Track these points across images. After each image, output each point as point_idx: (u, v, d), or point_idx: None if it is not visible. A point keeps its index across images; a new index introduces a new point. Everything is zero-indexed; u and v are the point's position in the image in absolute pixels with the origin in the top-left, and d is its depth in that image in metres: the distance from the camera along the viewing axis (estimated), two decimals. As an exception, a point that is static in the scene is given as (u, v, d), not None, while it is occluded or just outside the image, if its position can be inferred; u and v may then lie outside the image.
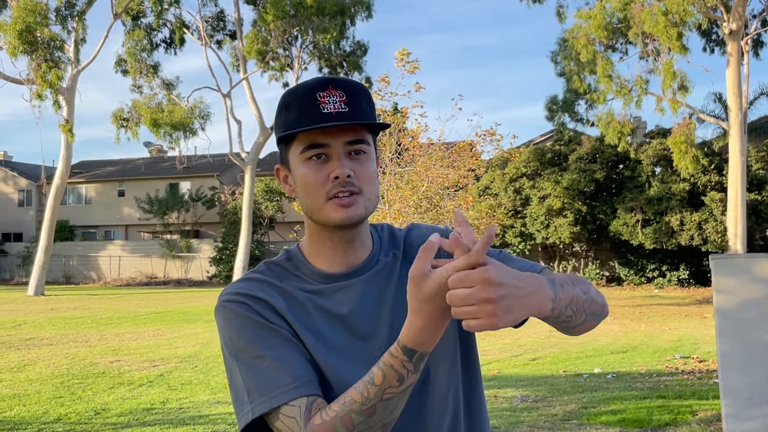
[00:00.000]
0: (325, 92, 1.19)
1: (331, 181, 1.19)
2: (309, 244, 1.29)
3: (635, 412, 6.27)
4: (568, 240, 27.49)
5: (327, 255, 1.26)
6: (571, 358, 9.88)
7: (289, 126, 1.20)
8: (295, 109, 1.20)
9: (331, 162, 1.19)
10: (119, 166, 46.93)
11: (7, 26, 25.76)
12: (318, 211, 1.21)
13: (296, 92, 1.22)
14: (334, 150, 1.19)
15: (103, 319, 16.75)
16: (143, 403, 7.19)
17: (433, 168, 16.60)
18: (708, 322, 14.67)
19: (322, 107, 1.18)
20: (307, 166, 1.20)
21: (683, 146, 22.22)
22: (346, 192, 1.19)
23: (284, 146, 1.25)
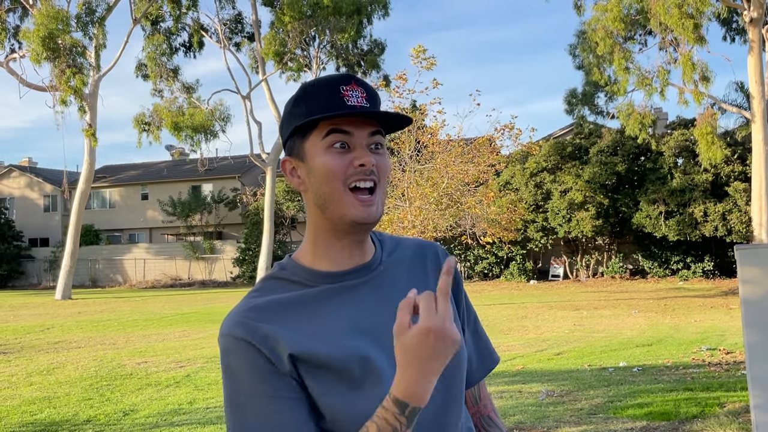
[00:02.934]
0: (348, 86, 1.19)
1: (354, 168, 1.18)
2: (312, 246, 1.25)
3: (662, 405, 6.22)
4: (591, 233, 27.30)
5: (333, 255, 1.24)
6: (596, 352, 9.82)
7: (312, 114, 1.19)
8: (318, 99, 1.19)
9: (355, 151, 1.19)
10: (142, 169, 47.33)
11: (30, 33, 26.06)
12: (336, 202, 1.19)
13: (318, 84, 1.21)
14: (357, 140, 1.19)
15: (129, 322, 16.91)
16: (171, 403, 7.25)
17: (453, 164, 16.59)
18: (734, 314, 14.51)
19: (346, 99, 1.18)
20: (329, 153, 1.19)
21: (709, 137, 21.94)
22: (368, 181, 1.18)
23: (300, 137, 1.22)
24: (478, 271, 30.85)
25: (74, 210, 28.87)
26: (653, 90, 22.52)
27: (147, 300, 26.04)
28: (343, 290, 1.23)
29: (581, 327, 13.14)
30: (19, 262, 40.86)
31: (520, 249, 29.36)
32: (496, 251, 29.16)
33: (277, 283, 1.24)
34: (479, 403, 1.40)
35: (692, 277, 26.88)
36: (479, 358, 1.38)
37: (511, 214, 19.78)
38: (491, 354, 1.41)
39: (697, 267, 27.03)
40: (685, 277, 26.87)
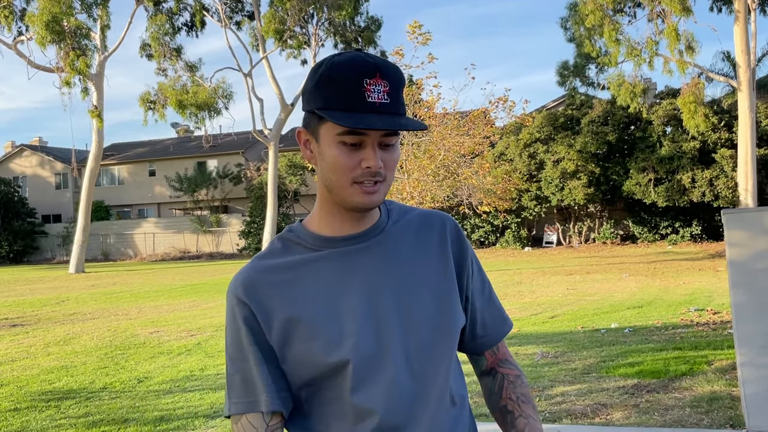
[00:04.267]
0: (373, 80, 1.15)
1: (362, 169, 1.17)
2: (318, 212, 1.27)
3: (652, 364, 6.26)
4: (583, 201, 27.31)
5: (335, 224, 1.26)
6: (588, 315, 9.87)
7: (330, 104, 1.16)
8: (338, 89, 1.15)
9: (365, 150, 1.17)
10: (149, 147, 47.21)
11: (34, 17, 25.80)
12: (340, 190, 1.20)
13: (342, 71, 1.16)
14: (369, 140, 1.17)
15: (141, 293, 16.99)
16: (183, 370, 7.31)
17: (449, 137, 16.53)
18: (721, 276, 14.57)
19: (367, 95, 1.14)
20: (339, 148, 1.17)
21: (692, 106, 21.87)
22: (372, 181, 1.18)
23: (317, 118, 1.20)
24: (475, 240, 30.90)
25: (84, 187, 28.84)
26: (642, 61, 22.37)
27: (157, 272, 26.12)
28: (344, 254, 1.25)
29: (574, 291, 13.19)
30: (33, 238, 40.95)
31: (515, 217, 29.38)
32: (491, 220, 29.19)
33: (284, 244, 1.28)
34: (497, 354, 1.41)
35: (680, 241, 26.94)
36: (493, 324, 1.39)
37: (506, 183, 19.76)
38: (505, 320, 1.41)
39: (685, 231, 27.08)
40: (674, 242, 26.93)
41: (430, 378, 1.23)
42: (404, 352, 1.22)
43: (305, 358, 1.19)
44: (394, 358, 1.21)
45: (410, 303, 1.24)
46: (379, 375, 1.20)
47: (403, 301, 1.24)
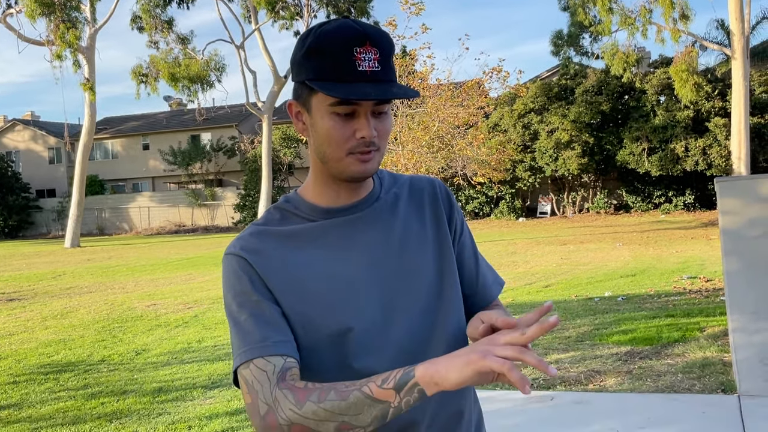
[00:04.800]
0: (362, 48, 1.12)
1: (356, 139, 1.15)
2: (313, 183, 1.26)
3: (645, 331, 6.32)
4: (577, 171, 27.32)
5: (330, 194, 1.25)
6: (582, 284, 9.93)
7: (321, 75, 1.13)
8: (328, 59, 1.12)
9: (358, 120, 1.15)
10: (142, 120, 46.88)
11: (24, -10, 25.47)
12: (335, 162, 1.19)
13: (331, 40, 1.13)
14: (362, 109, 1.15)
15: (137, 267, 17.00)
16: (180, 342, 7.35)
17: (443, 108, 16.46)
18: (713, 244, 14.64)
19: (357, 64, 1.11)
20: (332, 119, 1.15)
21: (684, 74, 21.81)
22: (368, 152, 1.17)
23: (307, 89, 1.18)
24: (470, 211, 30.94)
25: (78, 161, 28.69)
26: (635, 29, 22.24)
27: (153, 246, 26.12)
28: (340, 224, 1.24)
29: (568, 261, 13.25)
30: (28, 213, 40.83)
31: (509, 188, 29.40)
32: (486, 191, 29.21)
33: (281, 213, 1.27)
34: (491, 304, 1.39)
35: (674, 210, 27.02)
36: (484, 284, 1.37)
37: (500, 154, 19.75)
38: (495, 279, 1.39)
39: (678, 200, 27.15)
40: (667, 211, 27.01)
41: (434, 342, 1.24)
42: (408, 317, 1.22)
43: (307, 323, 1.18)
44: (398, 324, 1.21)
45: (411, 268, 1.24)
46: (383, 341, 1.20)
47: (404, 266, 1.24)
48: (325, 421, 1.05)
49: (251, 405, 1.10)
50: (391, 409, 1.03)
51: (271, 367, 1.11)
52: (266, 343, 1.13)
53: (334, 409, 1.04)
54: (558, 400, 4.30)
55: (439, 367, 1.01)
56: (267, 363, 1.11)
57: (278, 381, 1.09)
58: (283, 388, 1.08)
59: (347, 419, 1.04)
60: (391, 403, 1.03)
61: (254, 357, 1.12)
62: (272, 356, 1.12)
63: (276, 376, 1.10)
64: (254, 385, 1.10)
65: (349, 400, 1.04)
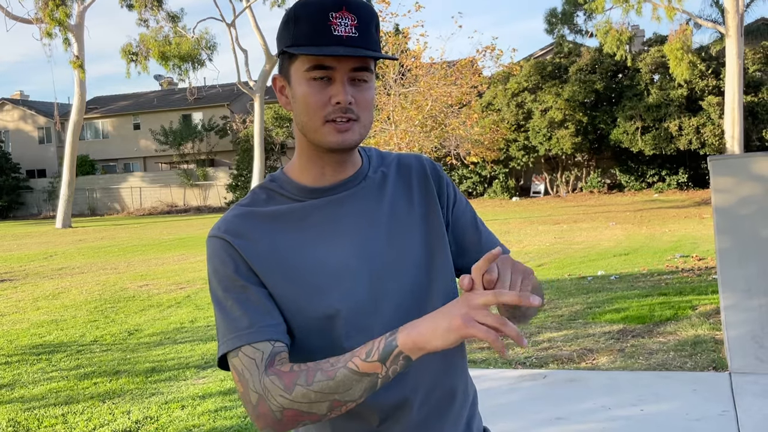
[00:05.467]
0: (338, 13, 1.12)
1: (332, 105, 1.14)
2: (298, 161, 1.25)
3: (638, 310, 6.36)
4: (570, 151, 27.32)
5: (316, 172, 1.23)
6: (575, 263, 9.97)
7: (298, 41, 1.14)
8: (304, 25, 1.13)
9: (334, 86, 1.14)
10: (132, 99, 46.57)
11: (11, -34, 25.15)
12: (314, 132, 1.17)
13: (307, 7, 1.14)
14: (338, 74, 1.14)
15: (129, 247, 16.97)
16: (173, 322, 7.35)
17: (437, 87, 16.39)
18: (706, 222, 14.70)
19: (333, 28, 1.11)
20: (309, 85, 1.15)
21: (679, 53, 21.77)
22: (344, 118, 1.15)
23: (287, 59, 1.19)
24: (463, 191, 30.93)
25: (68, 141, 28.51)
26: (629, 7, 22.15)
27: (145, 226, 26.06)
28: (326, 204, 1.23)
29: (561, 240, 13.29)
30: (18, 194, 40.64)
31: (503, 168, 29.40)
32: (479, 170, 29.20)
33: (266, 193, 1.25)
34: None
35: (667, 189, 27.10)
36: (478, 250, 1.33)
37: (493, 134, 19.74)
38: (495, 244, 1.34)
39: (671, 180, 27.22)
40: (660, 190, 27.09)
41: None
42: (398, 296, 1.21)
43: (293, 307, 1.17)
44: (389, 303, 1.20)
45: (400, 247, 1.23)
46: (374, 321, 1.19)
47: (393, 246, 1.22)
48: (317, 402, 1.06)
49: (243, 394, 1.11)
50: (379, 380, 1.04)
51: (259, 354, 1.10)
52: (252, 329, 1.12)
53: (324, 389, 1.05)
54: (551, 378, 4.33)
55: (421, 331, 1.01)
56: (255, 350, 1.11)
57: (266, 368, 1.09)
58: (271, 374, 1.08)
59: (338, 397, 1.05)
60: (378, 375, 1.04)
61: (242, 344, 1.11)
62: (259, 342, 1.11)
63: (264, 363, 1.10)
64: (244, 374, 1.10)
65: (336, 378, 1.04)
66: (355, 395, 1.05)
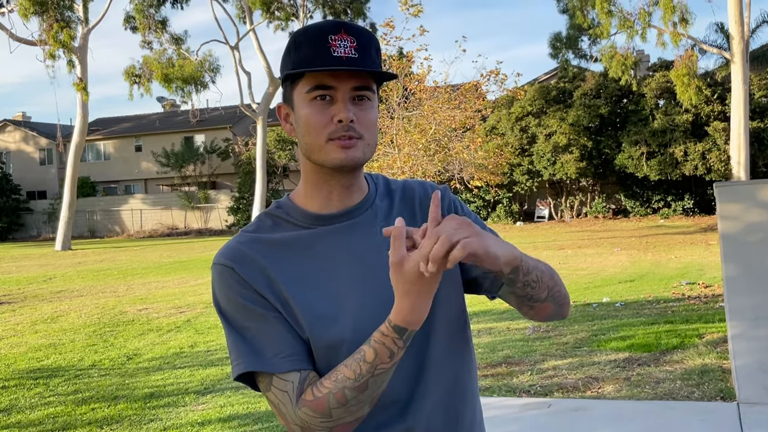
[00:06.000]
0: (337, 36, 1.16)
1: (335, 124, 1.17)
2: (304, 188, 1.27)
3: (644, 338, 6.33)
4: (575, 175, 27.36)
5: (322, 198, 1.25)
6: (580, 289, 9.94)
7: (298, 64, 1.18)
8: (305, 49, 1.17)
9: (336, 105, 1.17)
10: (135, 121, 46.85)
11: (17, -12, 25.43)
12: (318, 151, 1.20)
13: (307, 32, 1.19)
14: (339, 93, 1.17)
15: (129, 270, 16.96)
16: (173, 347, 7.33)
17: (440, 111, 16.46)
18: (713, 249, 14.67)
19: (332, 50, 1.15)
20: (311, 106, 1.18)
21: (685, 78, 21.87)
22: (347, 135, 1.18)
23: (290, 84, 1.22)
24: (466, 214, 30.90)
25: (70, 163, 28.62)
26: (634, 32, 22.32)
27: (145, 249, 26.07)
28: (332, 232, 1.24)
29: (566, 266, 13.26)
30: (19, 215, 40.73)
31: (507, 192, 29.42)
32: (483, 195, 29.21)
33: (272, 220, 1.27)
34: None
35: (673, 215, 27.08)
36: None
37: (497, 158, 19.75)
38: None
39: (677, 205, 27.22)
40: (666, 216, 27.07)
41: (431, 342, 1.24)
42: None
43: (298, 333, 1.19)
44: None
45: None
46: None
47: None
48: (358, 411, 1.12)
49: (287, 426, 1.17)
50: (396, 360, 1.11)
51: (290, 385, 1.15)
52: (276, 358, 1.16)
53: (360, 399, 1.11)
54: (555, 407, 4.30)
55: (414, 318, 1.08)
56: (285, 382, 1.15)
57: (297, 400, 1.14)
58: (302, 406, 1.13)
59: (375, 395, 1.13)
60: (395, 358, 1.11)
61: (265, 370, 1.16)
62: (287, 373, 1.15)
63: (296, 394, 1.14)
64: (281, 408, 1.16)
65: (369, 386, 1.11)
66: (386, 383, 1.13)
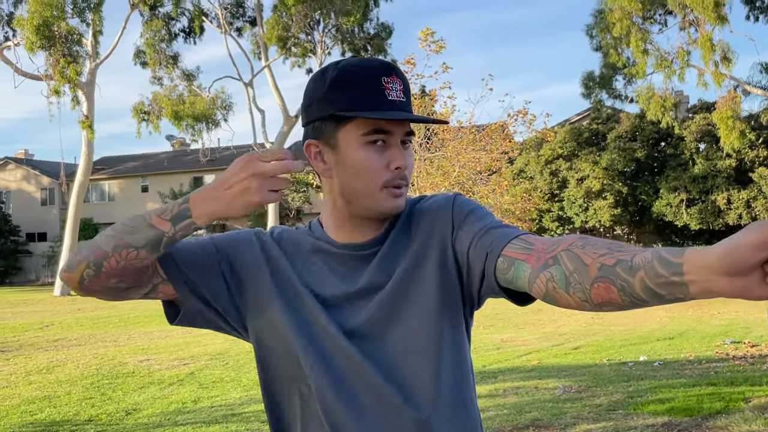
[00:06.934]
0: (390, 78, 1.21)
1: (392, 171, 1.21)
2: (332, 220, 1.31)
3: (684, 401, 6.21)
4: (609, 223, 27.23)
5: (350, 233, 1.29)
6: (615, 346, 9.81)
7: (351, 105, 1.20)
8: (359, 89, 1.20)
9: (391, 150, 1.22)
10: (142, 160, 47.45)
11: (24, 21, 26.10)
12: (368, 197, 1.23)
13: (359, 71, 1.21)
14: (395, 139, 1.22)
15: (130, 318, 17.00)
16: (174, 402, 7.29)
17: (465, 152, 16.55)
18: (760, 305, 14.46)
19: (387, 93, 1.20)
20: (367, 150, 1.21)
21: (729, 121, 21.84)
22: (402, 183, 1.23)
23: (333, 123, 1.22)
24: (492, 263, 30.81)
25: (72, 203, 28.97)
26: (672, 72, 22.44)
27: (149, 296, 26.12)
28: (356, 258, 1.29)
29: (599, 320, 13.12)
30: (17, 258, 41.11)
31: (535, 240, 29.28)
32: (510, 242, 29.12)
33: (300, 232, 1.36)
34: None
35: (715, 267, 26.76)
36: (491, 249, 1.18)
37: (525, 203, 19.76)
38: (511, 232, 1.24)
39: (720, 257, 26.91)
40: (708, 268, 26.75)
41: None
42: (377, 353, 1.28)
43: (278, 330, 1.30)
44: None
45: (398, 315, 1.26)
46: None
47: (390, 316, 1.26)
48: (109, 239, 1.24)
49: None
50: (165, 238, 1.21)
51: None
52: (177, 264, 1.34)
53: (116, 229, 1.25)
54: (587, 476, 4.21)
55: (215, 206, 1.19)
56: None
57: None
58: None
59: (126, 238, 1.22)
60: (165, 233, 1.21)
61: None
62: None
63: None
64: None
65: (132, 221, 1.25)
66: (139, 241, 1.21)
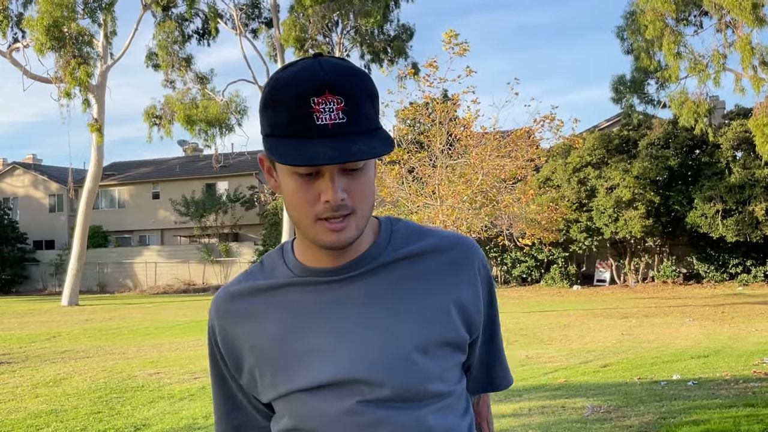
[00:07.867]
0: (321, 98, 1.09)
1: (322, 204, 1.13)
2: (298, 241, 1.28)
3: (720, 423, 6.15)
4: (640, 234, 27.06)
5: (315, 255, 1.25)
6: (646, 364, 9.74)
7: (276, 130, 1.13)
8: (283, 112, 1.11)
9: (323, 180, 1.13)
10: (153, 166, 47.79)
11: (33, 22, 26.42)
12: (306, 229, 1.18)
13: (287, 90, 1.12)
14: (327, 168, 1.12)
15: (140, 330, 17.10)
16: (185, 417, 7.32)
17: (488, 159, 16.52)
18: (800, 322, 14.30)
19: (316, 117, 1.09)
20: (295, 180, 1.14)
21: (766, 128, 21.66)
22: (337, 216, 1.14)
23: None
24: (516, 276, 30.72)
25: (81, 210, 29.21)
26: (707, 76, 22.27)
27: (159, 306, 26.31)
28: (326, 286, 1.24)
29: (630, 337, 13.04)
30: (24, 266, 41.46)
31: (562, 251, 29.20)
32: (535, 254, 29.02)
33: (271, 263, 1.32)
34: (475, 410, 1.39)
35: (753, 281, 26.53)
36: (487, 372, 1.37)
37: (552, 213, 19.67)
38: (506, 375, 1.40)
39: (758, 271, 26.67)
40: (745, 282, 26.53)
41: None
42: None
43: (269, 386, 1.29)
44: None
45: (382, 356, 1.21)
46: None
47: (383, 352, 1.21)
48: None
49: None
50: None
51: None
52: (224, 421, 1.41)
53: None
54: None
55: None
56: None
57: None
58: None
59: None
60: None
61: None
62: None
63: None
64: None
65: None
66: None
